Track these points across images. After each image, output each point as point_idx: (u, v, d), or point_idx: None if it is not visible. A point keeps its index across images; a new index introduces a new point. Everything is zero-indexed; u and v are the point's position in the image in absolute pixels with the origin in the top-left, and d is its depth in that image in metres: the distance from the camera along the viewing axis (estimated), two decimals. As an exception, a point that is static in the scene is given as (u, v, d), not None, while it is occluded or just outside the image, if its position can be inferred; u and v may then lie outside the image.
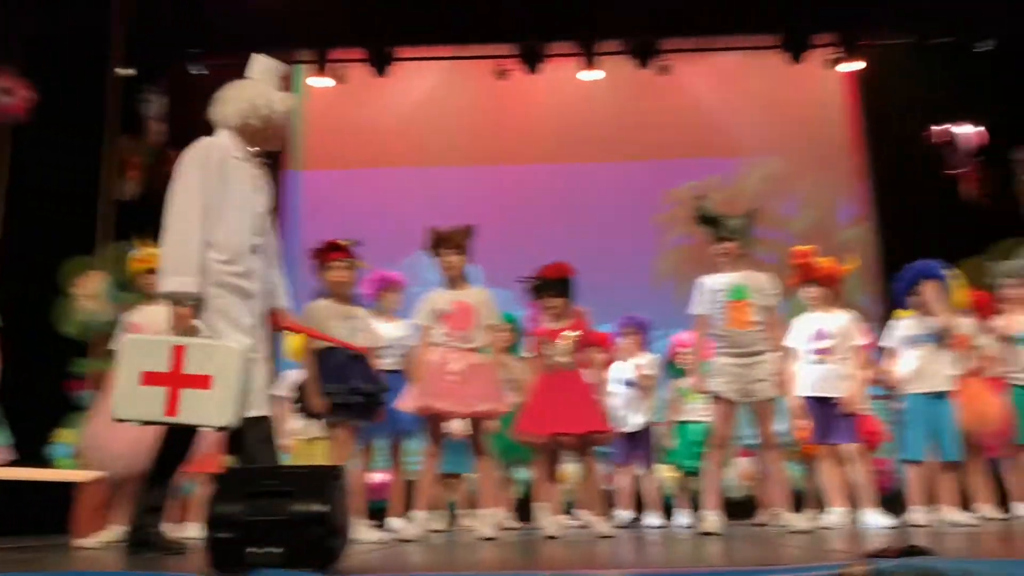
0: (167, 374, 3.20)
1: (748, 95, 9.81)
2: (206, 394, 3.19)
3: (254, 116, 3.59)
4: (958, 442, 5.16)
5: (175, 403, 3.20)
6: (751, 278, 4.66)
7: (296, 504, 2.41)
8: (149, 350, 3.25)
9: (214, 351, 3.26)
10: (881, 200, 9.35)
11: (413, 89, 9.82)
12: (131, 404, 3.22)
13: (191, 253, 3.31)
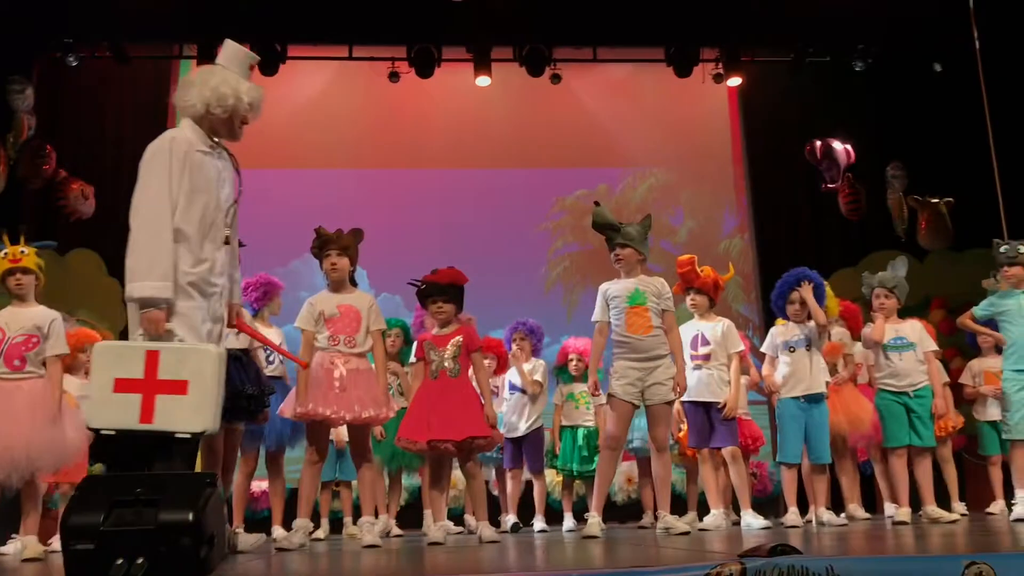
0: (141, 380, 3.05)
1: (637, 107, 10.01)
2: (183, 399, 3.05)
3: (218, 105, 3.47)
4: (829, 445, 5.36)
5: (151, 410, 3.04)
6: (647, 283, 4.73)
7: (163, 513, 2.31)
8: (121, 356, 3.10)
9: (189, 355, 3.13)
10: (759, 212, 9.67)
11: (303, 89, 9.63)
12: (105, 412, 3.06)
13: (163, 256, 3.20)
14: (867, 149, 8.72)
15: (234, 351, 4.43)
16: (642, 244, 4.76)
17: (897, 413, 5.23)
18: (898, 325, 5.37)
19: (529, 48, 9.00)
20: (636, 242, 4.71)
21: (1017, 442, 5.08)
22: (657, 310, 4.68)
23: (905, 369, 5.24)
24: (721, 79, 9.41)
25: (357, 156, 9.71)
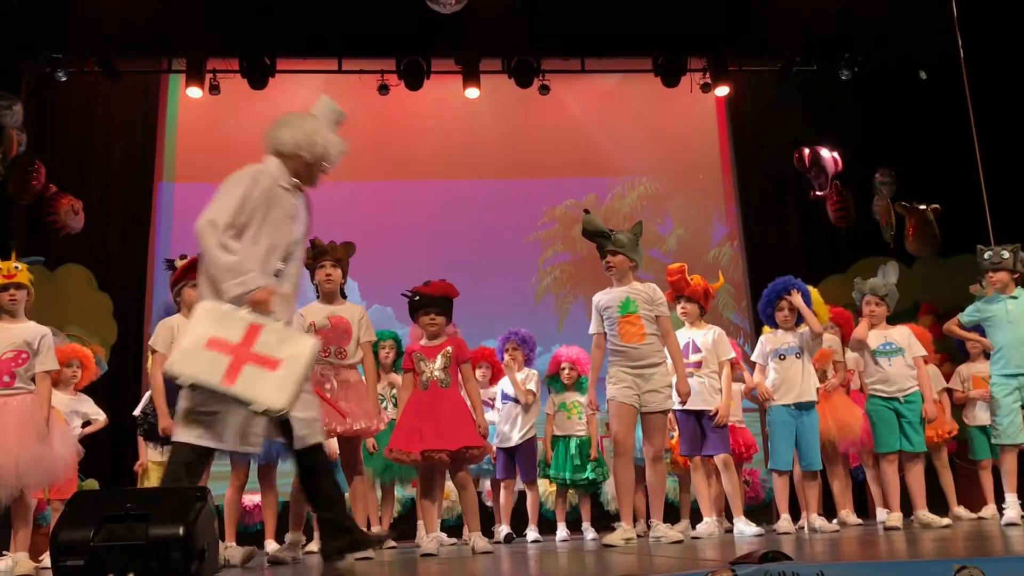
0: (235, 346, 3.13)
1: (625, 117, 10.05)
2: (270, 375, 3.10)
3: (308, 150, 3.63)
4: (820, 451, 5.37)
5: (235, 374, 3.10)
6: (637, 291, 4.70)
7: (154, 527, 2.31)
8: (224, 319, 3.18)
9: (290, 338, 3.23)
10: (748, 220, 9.71)
11: (292, 101, 9.62)
12: (190, 362, 3.12)
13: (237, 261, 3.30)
14: (854, 157, 8.77)
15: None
16: (633, 251, 4.74)
17: (888, 419, 5.25)
18: (887, 331, 5.40)
19: (518, 59, 9.04)
20: (627, 249, 4.69)
21: (1006, 446, 5.11)
22: (650, 316, 4.66)
23: (894, 375, 5.26)
24: (709, 89, 9.45)
25: (347, 168, 9.53)
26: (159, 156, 9.37)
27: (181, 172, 9.54)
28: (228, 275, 3.26)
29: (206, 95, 9.05)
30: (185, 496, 2.48)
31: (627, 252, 4.69)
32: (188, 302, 4.61)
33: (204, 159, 9.53)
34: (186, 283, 4.63)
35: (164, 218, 9.36)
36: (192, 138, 9.58)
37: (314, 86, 9.68)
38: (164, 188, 9.44)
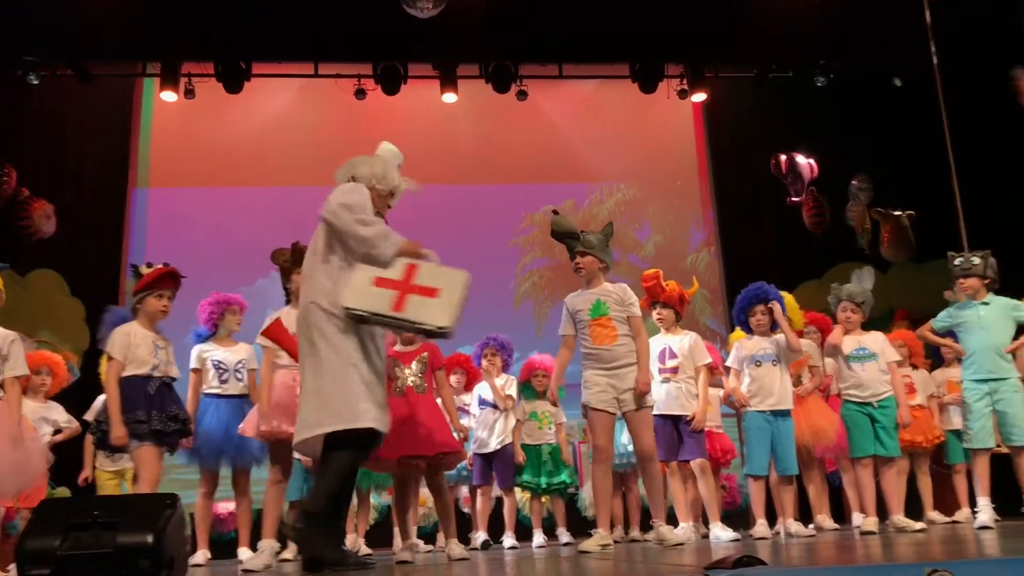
0: (398, 281, 3.62)
1: (603, 123, 10.08)
2: (432, 300, 3.57)
3: (381, 184, 4.07)
4: (796, 456, 5.38)
5: (402, 303, 3.57)
6: (608, 293, 4.64)
7: (122, 535, 2.27)
8: (385, 265, 3.67)
9: (443, 271, 3.71)
10: (725, 226, 9.75)
11: (268, 107, 9.60)
12: (362, 297, 3.59)
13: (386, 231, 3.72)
14: (830, 163, 8.84)
15: (166, 379, 4.46)
16: (603, 252, 4.66)
17: (862, 423, 5.27)
18: (861, 336, 5.43)
19: (495, 65, 9.05)
20: (596, 250, 4.63)
21: (978, 451, 5.14)
22: (622, 318, 4.60)
23: (868, 380, 5.29)
24: (686, 95, 9.50)
25: (324, 173, 9.49)
26: (133, 161, 9.28)
27: (155, 177, 9.45)
28: (379, 240, 3.67)
29: (181, 99, 8.99)
30: (154, 503, 2.44)
31: (596, 253, 4.63)
32: (149, 312, 4.57)
33: (179, 164, 9.46)
34: (151, 293, 4.56)
35: (138, 223, 9.27)
36: (167, 143, 9.50)
37: (290, 90, 9.66)
38: (138, 193, 9.35)
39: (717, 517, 5.36)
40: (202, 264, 9.20)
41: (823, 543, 4.34)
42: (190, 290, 9.68)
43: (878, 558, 3.08)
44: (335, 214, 3.73)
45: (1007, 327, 5.19)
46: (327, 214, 3.77)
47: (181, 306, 8.75)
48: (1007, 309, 5.22)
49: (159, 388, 4.42)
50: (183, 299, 9.29)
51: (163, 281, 4.59)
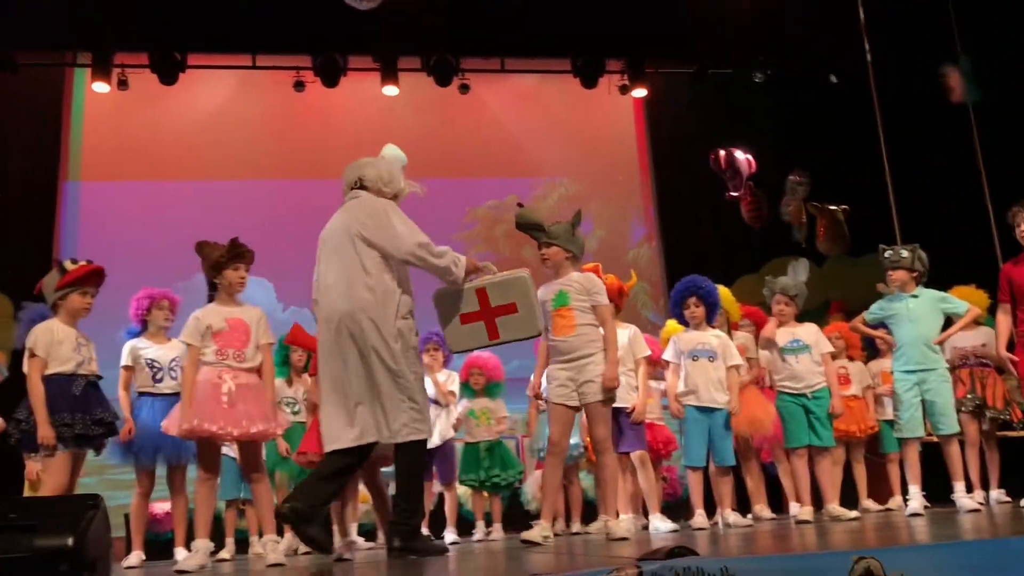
0: (479, 312, 4.05)
1: (545, 117, 10.08)
2: (516, 316, 4.01)
3: (388, 188, 4.28)
4: (733, 447, 5.45)
5: (495, 330, 4.04)
6: (572, 282, 4.50)
7: (40, 538, 2.19)
8: (458, 298, 4.10)
9: (508, 283, 4.08)
10: (666, 221, 9.84)
11: (204, 99, 9.41)
12: (463, 340, 4.13)
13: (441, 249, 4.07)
14: (767, 158, 8.94)
15: (91, 378, 4.33)
16: (569, 241, 4.51)
17: (796, 414, 5.35)
18: (794, 329, 5.50)
19: (437, 57, 8.99)
20: (562, 240, 4.49)
21: (908, 440, 5.25)
22: (585, 307, 4.44)
23: (802, 372, 5.37)
24: (626, 90, 9.55)
25: (262, 167, 9.52)
26: (64, 154, 9.04)
27: (87, 170, 9.21)
28: (453, 267, 4.04)
29: (114, 90, 8.78)
30: (75, 504, 2.37)
31: (561, 243, 4.50)
32: (72, 309, 4.45)
33: (113, 157, 9.24)
34: (76, 290, 4.45)
35: (69, 217, 9.03)
36: (100, 135, 9.26)
37: (228, 82, 9.48)
38: (70, 187, 9.11)
39: (657, 508, 5.40)
40: (137, 259, 9.00)
41: (760, 533, 4.39)
42: (124, 286, 9.45)
43: (811, 547, 3.12)
44: (418, 258, 4.01)
45: (935, 319, 5.30)
46: (410, 256, 4.02)
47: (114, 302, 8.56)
48: (935, 301, 5.34)
49: (85, 388, 4.32)
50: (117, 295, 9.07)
51: (89, 278, 4.46)
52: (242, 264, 4.49)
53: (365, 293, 3.92)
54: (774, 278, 5.68)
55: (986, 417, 5.96)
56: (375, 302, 3.91)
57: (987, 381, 6.03)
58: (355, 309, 3.90)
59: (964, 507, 4.98)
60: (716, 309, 5.47)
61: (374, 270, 3.98)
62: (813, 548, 3.03)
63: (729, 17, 8.49)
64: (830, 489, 5.38)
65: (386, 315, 3.92)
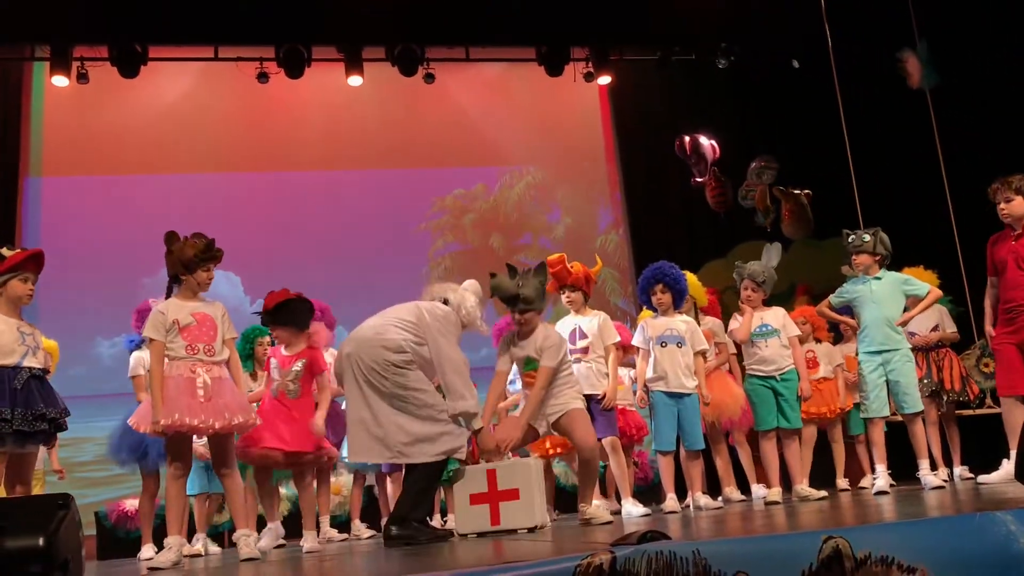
0: (487, 493, 4.27)
1: (511, 106, 10.08)
2: (516, 504, 4.20)
3: (466, 320, 4.63)
4: (702, 431, 5.51)
5: (497, 515, 4.23)
6: (535, 344, 4.71)
7: (10, 539, 2.18)
8: (473, 475, 4.38)
9: (517, 468, 4.33)
10: (633, 207, 9.88)
11: (166, 91, 9.30)
12: (468, 521, 4.35)
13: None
14: (731, 143, 9.02)
15: (36, 370, 4.23)
16: (540, 302, 4.75)
17: (765, 397, 5.42)
18: (763, 313, 5.57)
19: (401, 47, 8.95)
20: (535, 304, 4.69)
21: (874, 420, 5.34)
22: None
23: (771, 355, 5.43)
24: (592, 78, 9.57)
25: (227, 160, 9.43)
26: (24, 149, 8.88)
27: (48, 166, 9.07)
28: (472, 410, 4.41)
29: (74, 84, 8.64)
30: (45, 504, 2.35)
31: (535, 307, 4.71)
32: (13, 296, 4.27)
33: (73, 152, 9.10)
34: (16, 275, 4.27)
35: (31, 213, 8.89)
36: (60, 130, 9.12)
37: (190, 74, 9.37)
38: (31, 182, 8.97)
39: (628, 493, 5.45)
40: (102, 255, 8.91)
41: (729, 515, 4.45)
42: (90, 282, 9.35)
43: (780, 528, 3.17)
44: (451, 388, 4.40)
45: (897, 300, 5.38)
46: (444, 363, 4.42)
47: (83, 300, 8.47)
48: (897, 283, 5.42)
49: (27, 382, 4.15)
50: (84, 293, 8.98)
51: (27, 263, 4.33)
52: (212, 264, 4.47)
53: (393, 334, 4.46)
54: (743, 263, 5.73)
55: (943, 400, 6.07)
56: (396, 346, 4.44)
57: (943, 363, 6.14)
58: (377, 342, 4.46)
59: (929, 484, 5.08)
60: (683, 295, 5.53)
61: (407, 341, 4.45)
62: (782, 529, 3.07)
63: (692, 4, 8.53)
64: (798, 470, 5.45)
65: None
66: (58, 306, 8.21)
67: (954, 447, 6.22)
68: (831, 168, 7.90)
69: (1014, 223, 5.00)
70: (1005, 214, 5.02)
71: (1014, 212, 4.98)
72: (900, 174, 8.22)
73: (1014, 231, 5.01)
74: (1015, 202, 4.97)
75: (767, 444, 5.44)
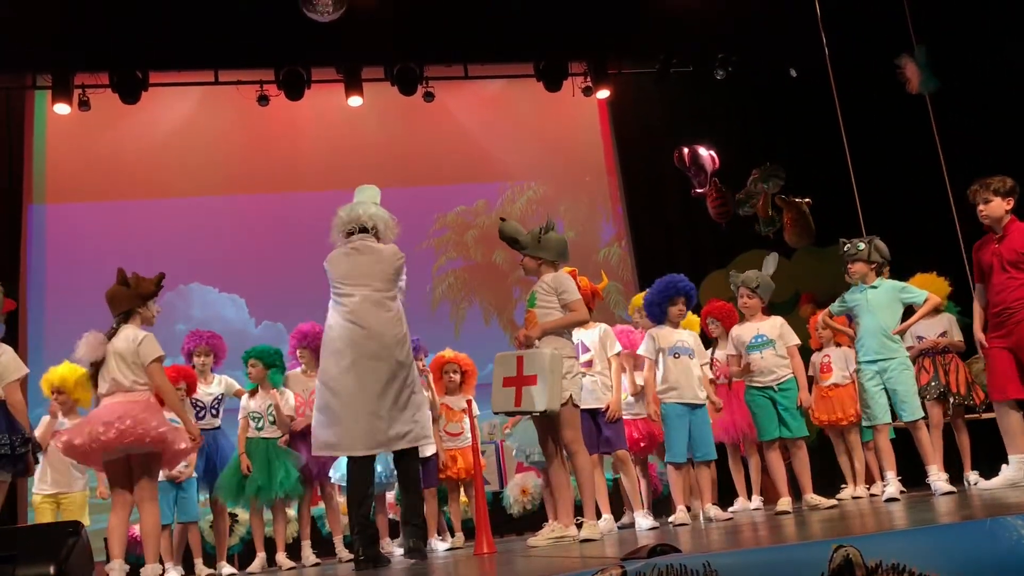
0: (515, 377, 4.33)
1: (511, 122, 10.12)
2: (534, 388, 4.26)
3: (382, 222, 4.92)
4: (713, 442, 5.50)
5: (519, 397, 4.30)
6: (540, 284, 4.65)
7: (21, 568, 2.18)
8: (506, 360, 4.42)
9: (534, 356, 4.33)
10: (635, 220, 9.89)
11: (167, 116, 9.35)
12: (500, 401, 4.40)
13: None
14: (732, 154, 9.03)
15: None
16: (536, 249, 4.67)
17: (765, 407, 5.41)
18: (759, 323, 5.55)
19: (400, 67, 9.00)
20: (530, 249, 4.68)
21: (878, 427, 5.32)
22: (552, 307, 4.55)
23: (768, 366, 5.42)
24: (590, 92, 9.61)
25: (229, 182, 9.47)
26: (27, 176, 8.92)
27: (52, 193, 9.12)
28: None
29: (75, 111, 8.69)
30: (55, 533, 2.35)
31: (530, 252, 4.69)
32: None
33: (77, 178, 9.15)
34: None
35: (36, 240, 8.92)
36: (62, 157, 9.17)
37: (190, 99, 9.43)
38: (35, 210, 9.00)
39: (639, 505, 5.44)
40: (106, 280, 8.88)
41: (739, 526, 4.44)
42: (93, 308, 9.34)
43: (790, 538, 3.16)
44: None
45: (894, 309, 5.37)
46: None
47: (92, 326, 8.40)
48: (894, 291, 5.40)
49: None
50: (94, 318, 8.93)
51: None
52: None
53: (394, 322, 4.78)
54: (736, 273, 5.74)
55: (950, 403, 6.06)
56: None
57: (949, 367, 6.13)
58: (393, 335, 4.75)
59: (939, 490, 5.06)
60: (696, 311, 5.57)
61: (389, 299, 4.77)
62: (792, 539, 3.07)
63: (689, 16, 8.56)
64: (806, 479, 5.42)
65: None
66: (63, 331, 8.23)
67: (964, 452, 6.20)
68: (832, 176, 7.90)
69: (993, 225, 5.04)
70: (984, 215, 5.05)
71: (992, 214, 5.01)
72: (901, 180, 8.23)
73: (996, 234, 5.03)
74: (993, 203, 5.00)
75: (771, 455, 5.43)
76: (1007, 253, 4.96)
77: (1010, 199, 5.01)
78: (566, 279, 4.66)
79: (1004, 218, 5.00)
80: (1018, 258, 4.93)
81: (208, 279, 8.82)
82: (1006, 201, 5.00)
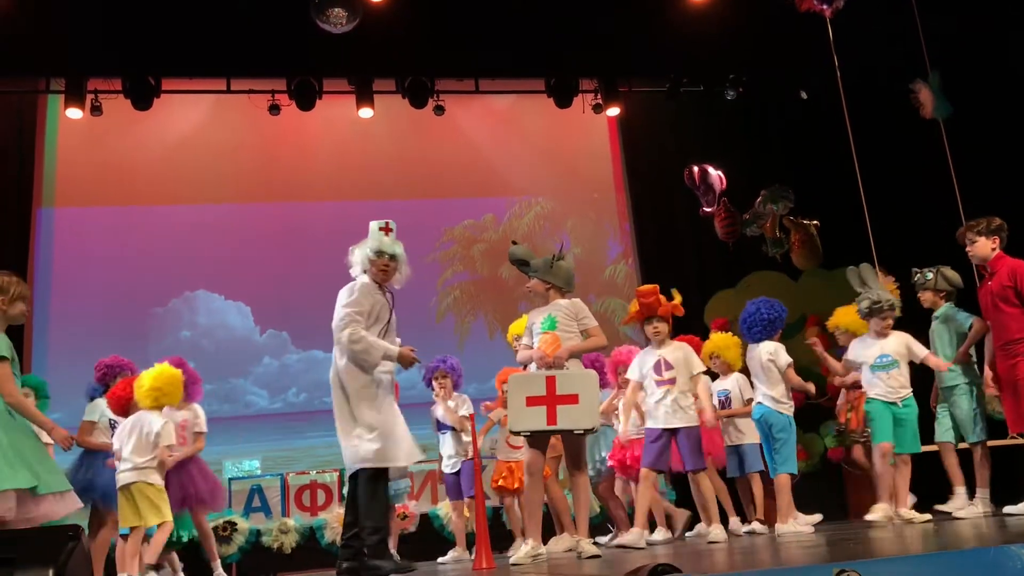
0: (544, 396, 4.35)
1: (520, 137, 10.14)
2: (576, 407, 4.32)
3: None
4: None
5: (554, 416, 4.32)
6: (559, 308, 4.72)
7: (19, 572, 2.17)
8: (529, 381, 4.44)
9: (576, 377, 4.45)
10: (642, 237, 9.88)
11: (179, 124, 9.38)
12: (523, 420, 4.37)
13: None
14: (741, 174, 9.03)
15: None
16: (547, 274, 4.77)
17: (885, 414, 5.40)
18: (883, 342, 5.50)
19: (411, 80, 9.03)
20: (540, 273, 4.76)
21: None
22: (572, 331, 4.66)
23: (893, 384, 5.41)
24: (600, 109, 9.63)
25: (238, 191, 9.49)
26: (37, 181, 8.95)
27: (62, 197, 9.14)
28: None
29: (87, 116, 8.73)
30: (54, 537, 2.34)
31: (540, 276, 4.76)
32: None
33: (87, 183, 9.18)
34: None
35: (44, 245, 8.94)
36: (74, 161, 9.20)
37: (202, 107, 9.46)
38: (44, 213, 9.03)
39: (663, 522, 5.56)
40: (113, 285, 8.95)
41: (742, 547, 4.41)
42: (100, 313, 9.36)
43: (793, 560, 3.14)
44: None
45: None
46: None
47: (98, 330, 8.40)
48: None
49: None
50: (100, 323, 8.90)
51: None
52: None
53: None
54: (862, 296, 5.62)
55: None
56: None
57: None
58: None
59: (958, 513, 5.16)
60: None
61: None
62: (795, 562, 3.04)
63: (700, 36, 8.58)
64: (904, 494, 5.41)
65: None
66: (69, 335, 8.25)
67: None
68: (841, 198, 7.88)
69: (981, 264, 5.17)
70: (972, 256, 5.26)
71: (977, 253, 5.20)
72: (913, 205, 8.20)
73: (987, 272, 5.16)
74: (978, 243, 5.18)
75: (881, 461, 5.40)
76: (996, 289, 5.07)
77: (995, 237, 5.17)
78: (583, 306, 4.80)
79: (991, 256, 5.10)
80: (1004, 292, 5.03)
81: (214, 286, 8.82)
82: (991, 240, 5.15)
